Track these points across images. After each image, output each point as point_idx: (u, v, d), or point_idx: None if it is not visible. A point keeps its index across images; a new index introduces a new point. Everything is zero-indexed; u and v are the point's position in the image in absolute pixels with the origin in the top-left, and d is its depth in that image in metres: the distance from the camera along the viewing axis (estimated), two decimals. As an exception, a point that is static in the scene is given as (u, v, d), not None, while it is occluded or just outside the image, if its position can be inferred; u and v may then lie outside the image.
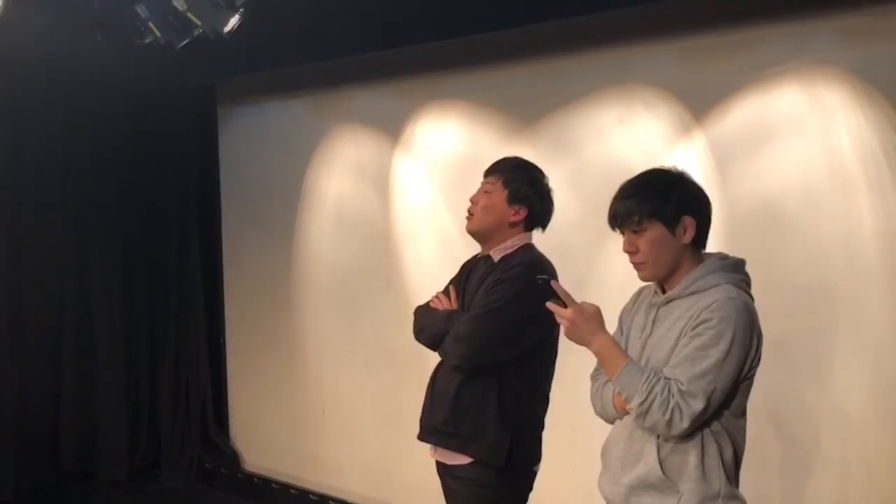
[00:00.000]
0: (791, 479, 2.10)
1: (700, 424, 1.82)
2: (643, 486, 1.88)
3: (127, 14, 3.46)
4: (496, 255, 2.51)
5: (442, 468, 2.55)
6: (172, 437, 5.20)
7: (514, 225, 2.52)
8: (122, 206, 5.14)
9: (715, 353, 1.78)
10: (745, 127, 3.25)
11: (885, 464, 2.99)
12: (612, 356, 1.90)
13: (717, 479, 1.84)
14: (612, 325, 2.02)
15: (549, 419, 2.55)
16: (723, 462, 1.86)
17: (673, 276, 1.93)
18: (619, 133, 3.61)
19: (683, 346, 1.82)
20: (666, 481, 1.85)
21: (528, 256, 2.48)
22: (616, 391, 1.90)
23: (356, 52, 4.35)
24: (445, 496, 2.57)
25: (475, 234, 2.56)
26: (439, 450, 2.53)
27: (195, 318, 5.26)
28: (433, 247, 4.22)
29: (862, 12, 3.01)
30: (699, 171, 3.23)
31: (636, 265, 1.95)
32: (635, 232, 1.92)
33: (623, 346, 2.02)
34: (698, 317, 1.82)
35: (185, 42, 3.42)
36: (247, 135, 5.18)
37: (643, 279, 1.98)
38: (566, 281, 3.75)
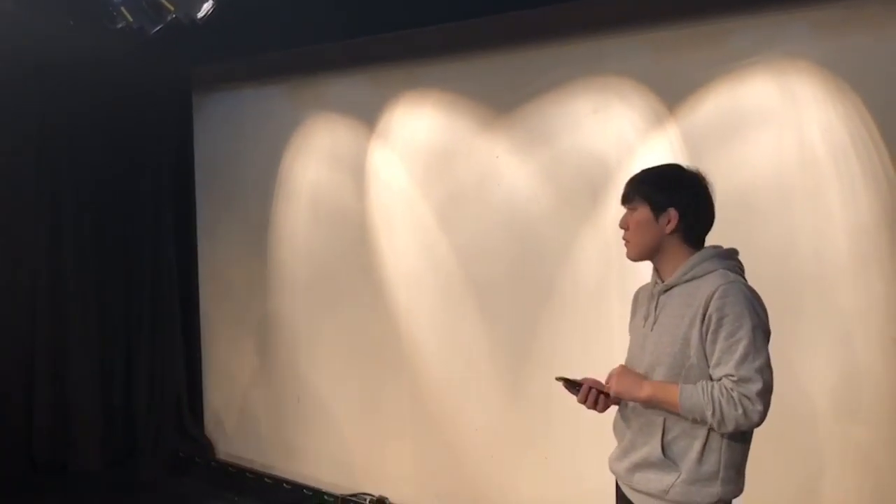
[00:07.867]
0: (757, 470, 2.14)
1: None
2: (646, 464, 2.02)
3: (98, -1, 3.42)
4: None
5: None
6: (147, 427, 5.18)
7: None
8: (96, 195, 5.09)
9: (744, 334, 1.88)
10: (718, 118, 3.28)
11: (854, 454, 3.05)
12: (665, 392, 1.97)
13: (716, 462, 1.96)
14: (586, 318, 2.01)
15: (525, 411, 2.57)
16: (724, 448, 1.96)
17: (662, 263, 2.08)
18: (594, 123, 3.63)
19: (711, 343, 1.92)
20: (666, 461, 1.98)
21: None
22: (690, 420, 1.95)
23: (332, 39, 4.34)
24: None
25: None
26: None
27: (170, 308, 5.22)
28: (409, 235, 4.22)
29: (832, 5, 3.04)
30: (672, 161, 3.24)
31: (624, 242, 2.11)
32: (630, 210, 2.09)
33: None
34: (707, 307, 1.92)
35: (158, 28, 3.40)
36: (222, 122, 5.13)
37: (627, 256, 2.13)
38: (540, 272, 3.79)
